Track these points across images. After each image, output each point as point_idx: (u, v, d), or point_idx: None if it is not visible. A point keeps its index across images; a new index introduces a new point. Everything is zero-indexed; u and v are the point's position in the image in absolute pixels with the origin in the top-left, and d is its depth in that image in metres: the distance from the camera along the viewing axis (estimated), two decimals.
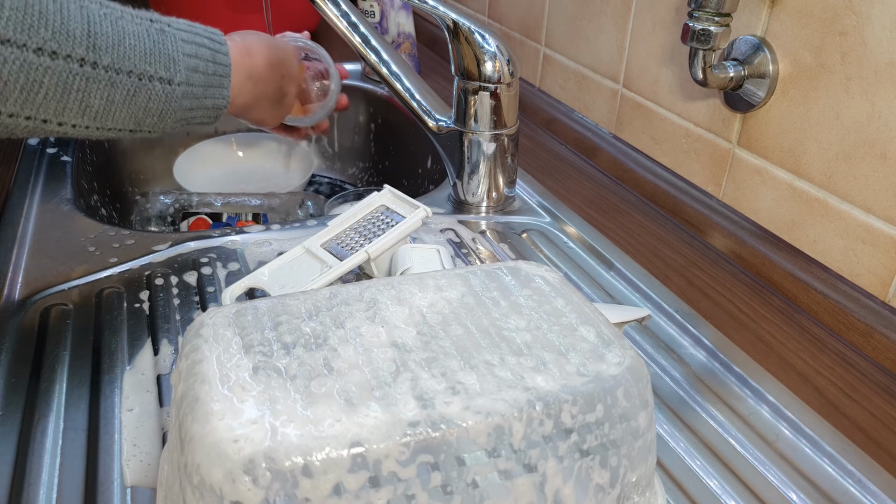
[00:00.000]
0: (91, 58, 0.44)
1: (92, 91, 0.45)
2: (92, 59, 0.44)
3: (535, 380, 0.30)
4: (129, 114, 0.48)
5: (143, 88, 0.48)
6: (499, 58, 0.63)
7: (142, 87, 0.48)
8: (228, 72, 0.54)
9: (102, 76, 0.45)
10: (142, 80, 0.47)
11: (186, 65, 0.50)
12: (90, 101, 0.45)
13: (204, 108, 0.53)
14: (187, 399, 0.29)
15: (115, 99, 0.46)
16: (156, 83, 0.48)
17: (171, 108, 0.50)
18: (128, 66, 0.47)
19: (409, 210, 0.54)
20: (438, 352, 0.31)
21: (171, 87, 0.49)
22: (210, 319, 0.33)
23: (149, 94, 0.48)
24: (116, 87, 0.46)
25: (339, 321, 0.33)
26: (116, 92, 0.46)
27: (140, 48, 0.47)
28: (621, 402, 0.30)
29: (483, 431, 0.28)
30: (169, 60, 0.49)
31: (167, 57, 0.49)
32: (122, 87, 0.46)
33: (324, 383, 0.29)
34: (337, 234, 0.53)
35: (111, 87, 0.46)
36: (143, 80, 0.48)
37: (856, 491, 0.41)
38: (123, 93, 0.47)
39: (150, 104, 0.49)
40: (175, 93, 0.50)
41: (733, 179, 0.63)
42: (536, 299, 0.35)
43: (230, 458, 0.26)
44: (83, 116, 0.45)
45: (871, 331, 0.51)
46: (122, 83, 0.46)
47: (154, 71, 0.48)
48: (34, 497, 0.38)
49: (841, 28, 0.52)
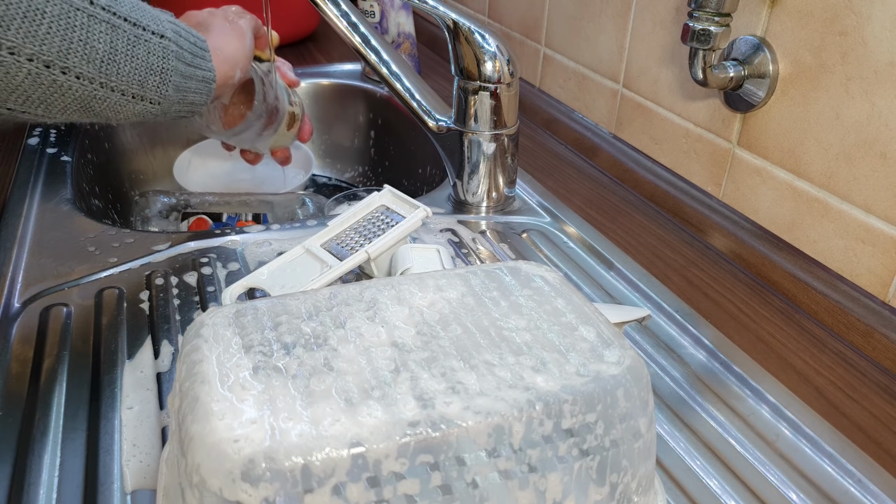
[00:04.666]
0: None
1: (94, 31, 0.45)
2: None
3: (534, 380, 0.30)
4: (132, 67, 0.48)
5: (142, 39, 0.48)
6: (499, 58, 0.63)
7: (141, 37, 0.48)
8: (206, 46, 0.55)
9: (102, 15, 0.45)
10: (137, 27, 0.48)
11: (172, 29, 0.51)
12: (94, 42, 0.45)
13: (195, 80, 0.53)
14: (187, 399, 0.29)
15: (118, 46, 0.46)
16: (149, 35, 0.49)
17: (169, 66, 0.50)
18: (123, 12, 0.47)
19: (409, 210, 0.54)
20: (438, 352, 0.31)
21: (165, 41, 0.50)
22: (210, 319, 0.33)
23: (147, 47, 0.48)
24: (118, 31, 0.46)
25: (339, 321, 0.33)
26: (118, 37, 0.46)
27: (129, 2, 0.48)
28: (621, 403, 0.30)
29: (483, 431, 0.28)
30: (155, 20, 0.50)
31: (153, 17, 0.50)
32: (122, 33, 0.46)
33: (324, 383, 0.29)
34: (337, 234, 0.53)
35: (113, 30, 0.46)
36: (138, 29, 0.48)
37: (856, 491, 0.41)
38: (125, 41, 0.47)
39: (151, 59, 0.49)
40: (169, 49, 0.50)
41: (733, 179, 0.63)
42: (536, 299, 0.35)
43: (230, 458, 0.26)
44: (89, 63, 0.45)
45: (871, 331, 0.51)
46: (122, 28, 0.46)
47: (146, 23, 0.49)
48: (34, 497, 0.38)
49: (841, 28, 0.52)
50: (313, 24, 1.22)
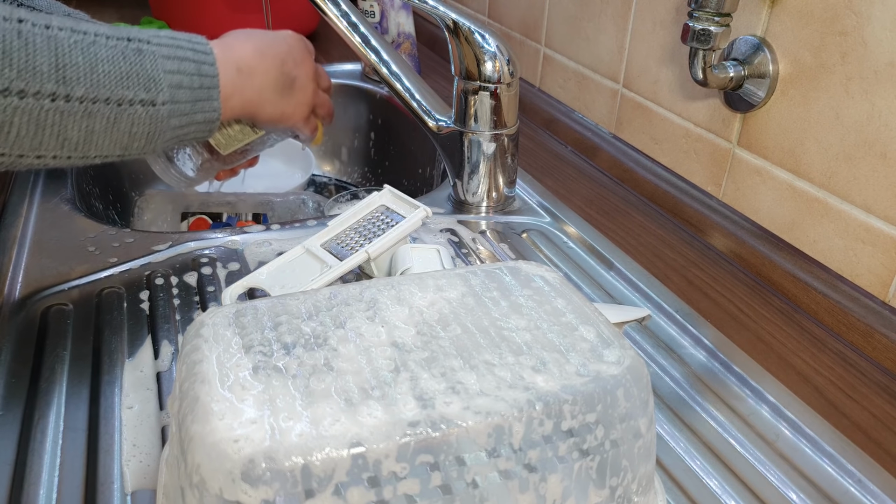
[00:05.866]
0: (62, 91, 0.42)
1: (68, 124, 0.43)
2: (64, 93, 0.42)
3: (534, 380, 0.30)
4: (112, 141, 0.46)
5: (125, 114, 0.46)
6: (499, 58, 0.63)
7: (122, 113, 0.46)
8: (216, 82, 0.52)
9: (77, 108, 0.43)
10: (121, 105, 0.45)
11: (170, 82, 0.48)
12: (67, 133, 0.44)
13: (195, 124, 0.51)
14: (187, 399, 0.29)
15: (95, 128, 0.45)
16: (137, 107, 0.46)
17: (159, 129, 0.48)
18: (104, 94, 0.44)
19: (409, 210, 0.54)
20: (438, 351, 0.31)
21: (155, 108, 0.47)
22: (210, 319, 0.33)
23: (131, 119, 0.46)
24: (94, 116, 0.44)
25: (339, 321, 0.33)
26: (95, 121, 0.44)
27: (115, 73, 0.45)
28: (621, 403, 0.30)
29: (483, 431, 0.28)
30: (149, 81, 0.47)
31: (147, 77, 0.47)
32: (100, 116, 0.45)
33: (324, 382, 0.29)
34: (337, 234, 0.53)
35: (89, 117, 0.44)
36: (122, 106, 0.45)
37: (856, 491, 0.41)
38: (103, 122, 0.45)
39: (135, 128, 0.47)
40: (160, 113, 0.48)
41: (733, 179, 0.63)
42: (536, 299, 0.35)
43: (230, 458, 0.26)
44: (62, 148, 0.44)
45: (871, 331, 0.51)
46: (100, 112, 0.44)
47: (134, 95, 0.46)
48: (34, 497, 0.38)
49: (841, 28, 0.52)
50: (313, 24, 1.22)
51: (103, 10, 1.31)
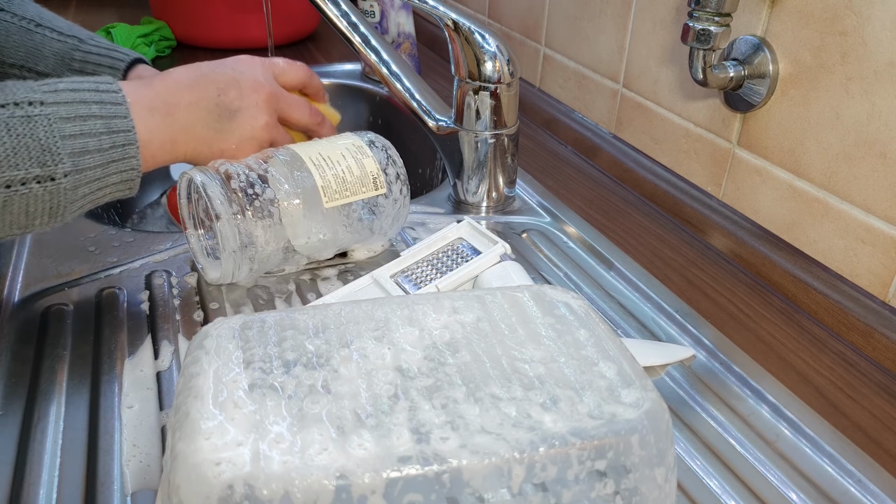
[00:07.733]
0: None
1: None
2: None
3: (542, 418, 0.28)
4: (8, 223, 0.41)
5: (18, 195, 0.40)
6: (499, 58, 0.63)
7: (14, 196, 0.40)
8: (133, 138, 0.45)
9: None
10: (11, 187, 0.40)
11: (71, 149, 0.42)
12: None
13: (111, 185, 0.46)
14: (179, 413, 0.28)
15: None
16: (33, 185, 0.41)
17: (62, 202, 0.43)
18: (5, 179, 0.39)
19: (486, 245, 0.53)
20: (443, 380, 0.29)
21: (55, 182, 0.42)
22: (215, 331, 0.32)
23: (26, 199, 0.41)
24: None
25: (345, 340, 0.32)
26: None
27: (0, 152, 0.40)
28: (636, 451, 0.28)
29: (479, 473, 0.26)
30: (44, 153, 0.41)
31: (41, 149, 0.41)
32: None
33: (318, 405, 0.28)
34: (409, 265, 0.53)
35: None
36: (13, 188, 0.40)
37: (856, 491, 0.41)
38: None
39: (33, 207, 0.42)
40: (62, 187, 0.42)
41: (733, 179, 0.63)
42: (557, 328, 0.33)
43: (208, 482, 0.25)
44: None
45: (871, 331, 0.51)
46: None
47: (25, 174, 0.40)
48: (34, 497, 0.38)
49: (841, 28, 0.52)
50: (313, 24, 1.22)
51: (103, 10, 1.31)
